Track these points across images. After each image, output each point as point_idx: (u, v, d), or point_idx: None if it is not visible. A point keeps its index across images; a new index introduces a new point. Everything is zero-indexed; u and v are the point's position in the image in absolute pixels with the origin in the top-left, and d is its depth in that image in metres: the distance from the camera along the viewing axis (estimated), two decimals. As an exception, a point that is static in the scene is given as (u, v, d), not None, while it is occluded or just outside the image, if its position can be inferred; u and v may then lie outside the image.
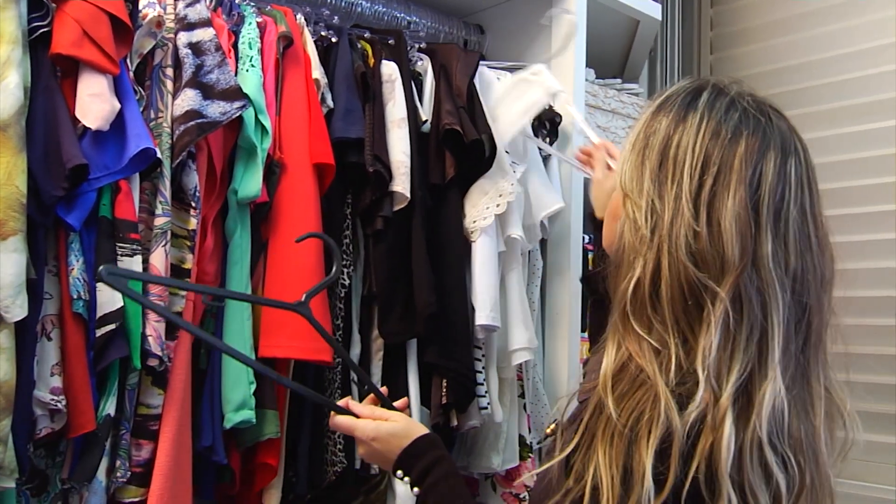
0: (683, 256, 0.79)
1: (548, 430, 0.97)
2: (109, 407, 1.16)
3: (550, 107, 1.80)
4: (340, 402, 1.08)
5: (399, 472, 0.99)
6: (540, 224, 1.76)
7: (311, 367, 1.41)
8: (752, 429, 0.76)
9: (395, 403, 1.11)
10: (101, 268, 0.90)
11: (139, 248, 1.20)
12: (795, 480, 0.78)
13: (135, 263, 1.19)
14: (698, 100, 0.86)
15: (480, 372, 1.60)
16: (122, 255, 1.18)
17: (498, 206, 1.58)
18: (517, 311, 1.64)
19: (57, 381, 1.13)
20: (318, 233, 1.33)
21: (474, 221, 1.58)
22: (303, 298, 1.08)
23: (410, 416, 1.47)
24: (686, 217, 0.80)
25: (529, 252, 1.77)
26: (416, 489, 0.97)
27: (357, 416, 1.05)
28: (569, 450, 0.79)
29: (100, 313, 1.15)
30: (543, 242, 1.84)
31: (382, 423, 1.03)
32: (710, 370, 0.76)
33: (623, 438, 0.75)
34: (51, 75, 1.16)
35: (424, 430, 1.02)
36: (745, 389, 0.77)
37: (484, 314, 1.54)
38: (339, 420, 1.05)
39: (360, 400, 1.12)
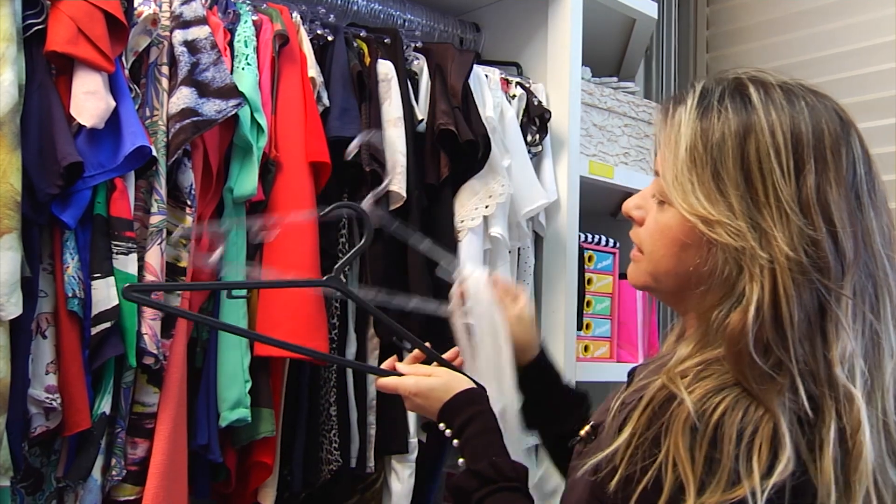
0: (807, 269, 0.73)
1: (582, 433, 0.93)
2: (105, 405, 1.16)
3: (539, 103, 1.80)
4: (385, 365, 1.10)
5: (441, 425, 0.99)
6: (529, 222, 1.75)
7: (306, 366, 1.41)
8: (879, 419, 0.75)
9: (445, 355, 1.12)
10: (124, 287, 0.92)
11: (135, 246, 1.20)
12: None
13: (130, 262, 1.19)
14: (749, 96, 0.80)
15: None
16: (117, 254, 1.18)
17: (487, 207, 1.58)
18: None
19: (52, 380, 1.13)
20: (348, 202, 1.31)
21: (462, 221, 1.58)
22: (333, 273, 1.10)
23: (406, 418, 1.48)
24: (798, 225, 0.74)
25: (520, 250, 1.77)
26: (455, 441, 0.97)
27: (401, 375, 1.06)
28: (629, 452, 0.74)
29: (95, 311, 1.15)
30: (540, 241, 1.83)
31: (423, 379, 1.03)
32: (846, 375, 0.73)
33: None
34: (45, 73, 1.16)
35: (466, 384, 1.02)
36: (868, 380, 0.75)
37: None
38: (383, 380, 1.07)
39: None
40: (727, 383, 0.74)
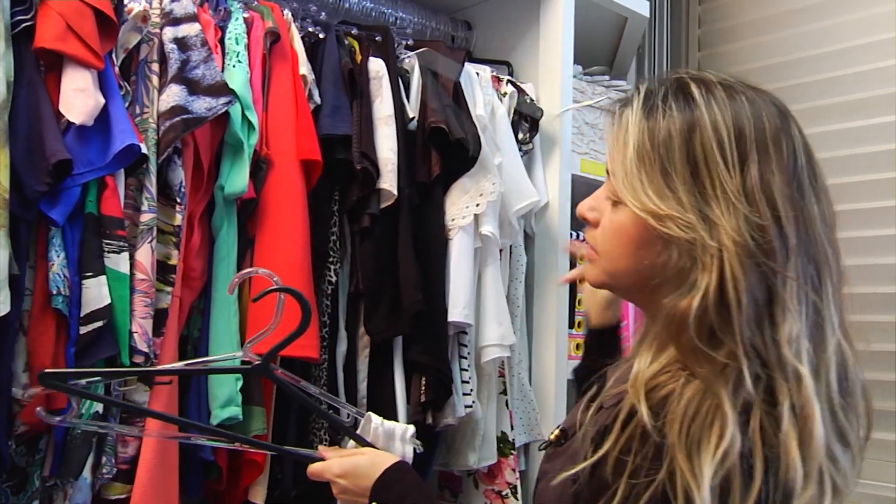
0: (755, 254, 0.75)
1: (552, 437, 0.94)
2: (96, 404, 1.16)
3: (531, 101, 1.80)
4: (316, 453, 1.08)
5: None
6: (519, 220, 1.75)
7: (297, 364, 1.40)
8: (826, 395, 0.76)
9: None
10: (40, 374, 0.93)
11: (126, 244, 1.19)
12: (864, 428, 0.79)
13: (122, 260, 1.19)
14: (692, 95, 0.82)
15: (466, 370, 1.60)
16: (108, 252, 1.18)
17: (478, 205, 1.58)
18: (491, 308, 1.64)
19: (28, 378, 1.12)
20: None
21: (453, 220, 1.58)
22: (261, 361, 1.06)
23: (396, 416, 1.48)
24: (744, 213, 0.76)
25: (512, 249, 1.77)
26: None
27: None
28: (600, 454, 0.75)
29: (86, 310, 1.14)
30: (531, 239, 1.84)
31: (347, 459, 1.03)
32: (794, 354, 0.75)
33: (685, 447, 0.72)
34: (34, 70, 1.16)
35: (393, 459, 1.02)
36: (814, 360, 0.77)
37: (456, 311, 1.55)
38: (310, 468, 1.05)
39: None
40: (686, 381, 0.76)
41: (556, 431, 0.94)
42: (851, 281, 0.84)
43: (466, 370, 1.60)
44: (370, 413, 1.10)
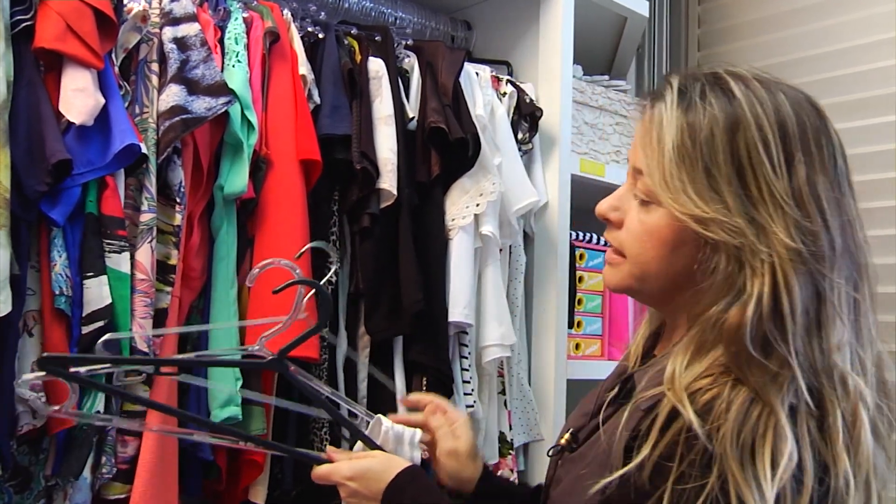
0: (807, 259, 0.73)
1: (562, 441, 0.91)
2: (98, 404, 1.16)
3: (531, 101, 1.80)
4: (323, 455, 1.04)
5: None
6: (519, 220, 1.75)
7: (296, 364, 1.40)
8: (869, 400, 0.76)
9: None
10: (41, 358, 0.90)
11: (127, 244, 1.19)
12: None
13: (123, 260, 1.19)
14: (731, 90, 0.79)
15: (467, 370, 1.60)
16: (109, 252, 1.18)
17: (478, 205, 1.58)
18: (492, 308, 1.64)
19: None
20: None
21: (453, 220, 1.58)
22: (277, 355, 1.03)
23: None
24: (794, 218, 0.74)
25: (511, 248, 1.77)
26: None
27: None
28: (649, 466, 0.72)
29: (87, 310, 1.14)
30: (531, 239, 1.84)
31: (357, 461, 0.98)
32: (843, 361, 0.74)
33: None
34: (34, 70, 1.16)
35: (405, 463, 0.98)
36: (856, 365, 0.76)
37: (457, 311, 1.54)
38: (316, 470, 1.00)
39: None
40: (733, 387, 0.74)
41: (567, 436, 0.90)
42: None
43: (467, 370, 1.60)
44: (380, 416, 1.07)
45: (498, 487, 1.10)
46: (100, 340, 0.98)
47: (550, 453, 0.94)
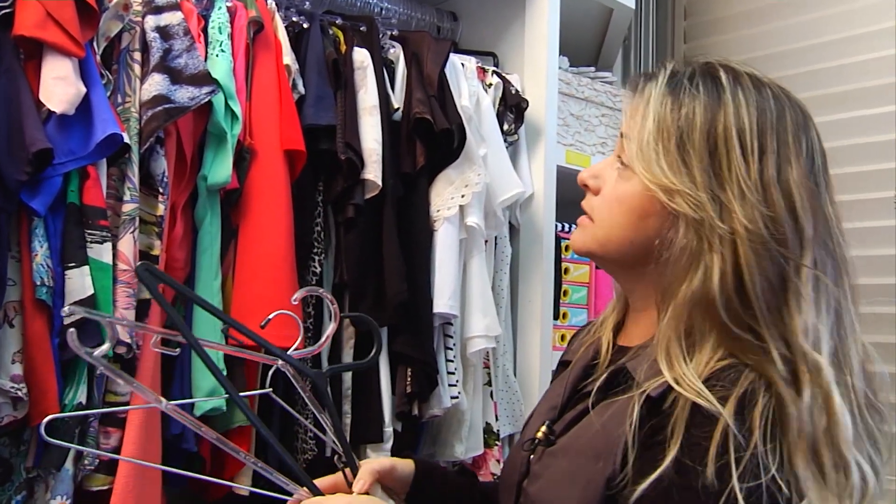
0: (767, 240, 0.76)
1: (539, 435, 0.89)
2: (80, 395, 1.15)
3: (516, 92, 1.80)
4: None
5: None
6: (505, 211, 1.75)
7: (281, 355, 1.40)
8: (850, 389, 0.77)
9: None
10: (139, 264, 0.86)
11: (109, 234, 1.18)
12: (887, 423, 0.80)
13: (105, 251, 1.18)
14: (719, 79, 0.83)
15: (452, 361, 1.60)
16: (91, 242, 1.17)
17: (463, 196, 1.58)
18: (477, 300, 1.64)
19: (18, 369, 1.11)
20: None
21: (438, 211, 1.58)
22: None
23: (381, 407, 1.47)
24: (755, 201, 0.77)
25: (497, 240, 1.77)
26: None
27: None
28: (671, 456, 0.72)
29: (69, 301, 1.13)
30: (516, 231, 1.84)
31: (358, 497, 0.90)
32: (811, 345, 0.75)
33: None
34: (13, 58, 1.14)
35: (372, 501, 0.90)
36: (836, 354, 0.78)
37: (441, 302, 1.55)
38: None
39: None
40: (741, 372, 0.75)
41: (543, 429, 0.90)
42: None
43: (452, 361, 1.60)
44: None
45: (431, 465, 1.08)
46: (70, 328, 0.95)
47: (525, 448, 0.92)
